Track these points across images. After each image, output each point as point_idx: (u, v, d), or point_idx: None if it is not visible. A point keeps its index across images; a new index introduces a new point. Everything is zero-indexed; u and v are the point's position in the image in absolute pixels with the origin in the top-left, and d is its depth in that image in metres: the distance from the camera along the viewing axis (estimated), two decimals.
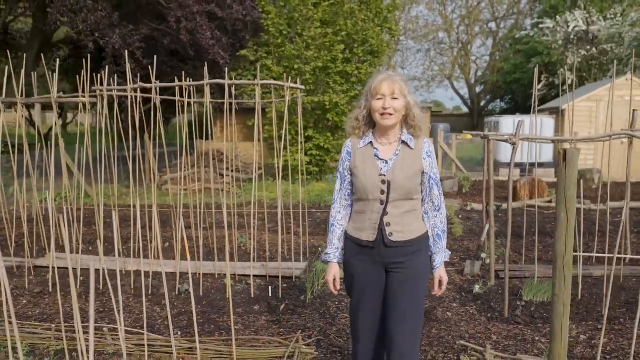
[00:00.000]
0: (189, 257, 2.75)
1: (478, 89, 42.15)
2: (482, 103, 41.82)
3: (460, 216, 8.95)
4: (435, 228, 2.67)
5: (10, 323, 3.70)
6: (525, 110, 25.45)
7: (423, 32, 39.64)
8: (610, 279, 2.95)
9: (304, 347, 3.57)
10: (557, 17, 23.61)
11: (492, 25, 39.56)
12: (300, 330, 4.00)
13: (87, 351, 3.35)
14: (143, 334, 3.52)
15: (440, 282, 2.69)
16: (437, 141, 14.82)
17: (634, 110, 5.63)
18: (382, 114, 2.50)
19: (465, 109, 47.16)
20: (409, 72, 60.74)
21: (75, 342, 3.67)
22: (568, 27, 22.65)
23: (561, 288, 2.80)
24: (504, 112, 34.85)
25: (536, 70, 5.46)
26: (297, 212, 8.16)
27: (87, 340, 3.46)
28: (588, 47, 22.47)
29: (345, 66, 12.38)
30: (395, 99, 2.50)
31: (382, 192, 2.52)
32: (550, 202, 9.99)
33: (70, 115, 36.32)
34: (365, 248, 2.58)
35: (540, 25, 24.36)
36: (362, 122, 2.63)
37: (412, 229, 2.57)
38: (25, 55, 15.16)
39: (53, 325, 3.89)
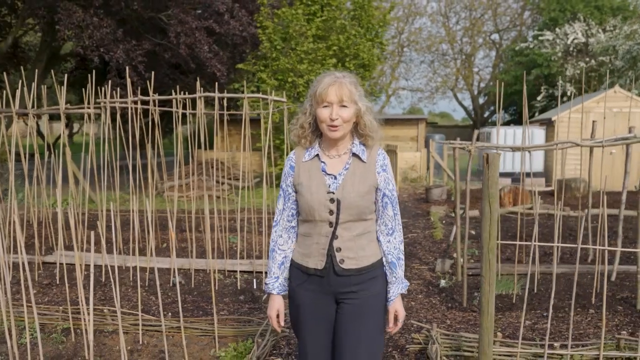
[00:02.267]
0: (173, 249, 3.28)
1: (481, 100, 42.47)
2: (486, 114, 42.07)
3: (444, 222, 9.46)
4: (388, 254, 2.31)
5: (24, 306, 4.24)
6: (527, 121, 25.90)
7: (426, 43, 39.95)
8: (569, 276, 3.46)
9: None
10: (557, 29, 24.11)
11: (495, 36, 39.81)
12: None
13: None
14: (138, 315, 4.04)
15: (396, 317, 2.34)
16: (429, 151, 15.36)
17: (593, 122, 6.17)
18: (330, 126, 2.18)
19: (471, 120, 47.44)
20: (413, 84, 61.22)
21: (80, 322, 4.20)
22: (567, 39, 23.16)
23: (486, 270, 3.33)
24: (507, 123, 35.17)
25: (524, 82, 6.02)
26: None
27: (95, 320, 3.99)
28: (587, 59, 22.95)
29: None
30: (343, 106, 2.17)
31: (331, 213, 2.20)
32: (531, 209, 10.48)
33: (76, 126, 37.02)
34: (312, 276, 2.26)
35: (540, 38, 24.85)
36: (309, 130, 2.30)
37: (365, 254, 2.26)
38: (34, 67, 15.80)
39: (60, 308, 4.42)
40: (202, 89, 5.95)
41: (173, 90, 6.38)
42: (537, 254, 5.36)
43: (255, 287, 5.44)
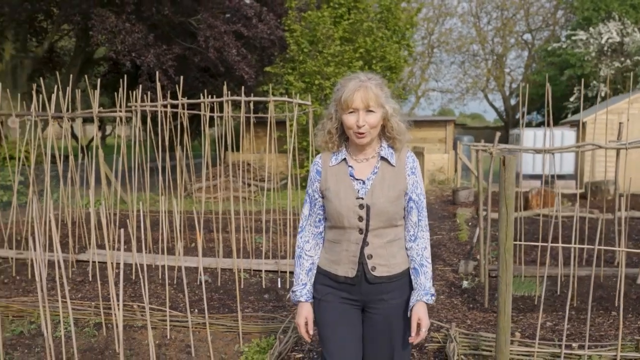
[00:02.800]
0: (200, 248, 3.41)
1: (513, 101, 41.85)
2: (518, 115, 41.41)
3: (470, 224, 9.46)
4: (412, 261, 2.24)
5: (59, 301, 4.43)
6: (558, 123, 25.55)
7: (457, 44, 39.53)
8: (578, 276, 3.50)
9: None
10: (591, 28, 23.73)
11: (528, 36, 39.12)
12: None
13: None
14: (166, 311, 4.20)
15: (419, 325, 2.15)
16: (457, 153, 15.32)
17: (620, 123, 6.14)
18: (357, 133, 2.12)
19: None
20: (443, 85, 60.76)
21: (111, 317, 4.38)
22: (601, 38, 22.78)
23: (503, 270, 3.38)
24: (540, 124, 34.55)
25: (546, 83, 5.95)
26: None
27: (125, 316, 4.16)
28: (622, 59, 22.52)
29: None
30: (370, 111, 2.10)
31: (360, 219, 2.14)
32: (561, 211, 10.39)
33: (109, 128, 37.84)
34: (342, 284, 2.21)
35: (573, 37, 24.48)
36: (336, 135, 2.24)
37: (397, 262, 2.20)
38: (68, 72, 16.26)
39: (93, 304, 4.61)
40: (230, 92, 6.09)
41: (201, 94, 6.55)
42: (560, 256, 5.36)
43: (280, 286, 5.56)
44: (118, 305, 4.08)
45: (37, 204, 4.20)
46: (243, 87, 6.63)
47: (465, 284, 5.56)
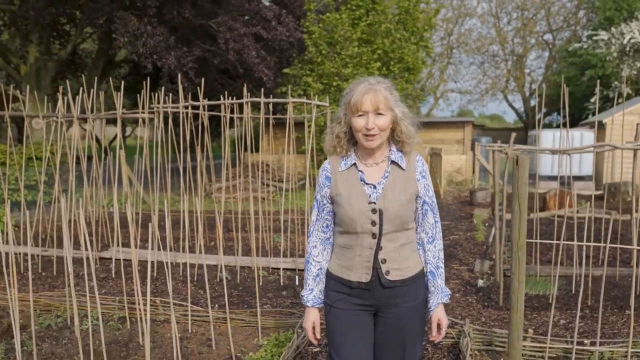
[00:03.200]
0: (220, 243, 3.53)
1: (533, 102, 41.45)
2: (538, 116, 40.83)
3: (487, 224, 9.49)
4: (428, 264, 2.29)
5: (86, 296, 4.59)
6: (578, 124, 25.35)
7: (476, 44, 39.25)
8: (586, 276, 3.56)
9: None
10: (613, 28, 23.51)
11: (549, 37, 38.71)
12: None
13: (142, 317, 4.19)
14: (187, 306, 4.33)
15: (439, 326, 2.30)
16: (474, 154, 15.33)
17: (637, 124, 6.16)
18: (366, 135, 2.12)
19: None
20: (462, 85, 60.42)
21: (134, 311, 4.52)
22: (623, 38, 22.55)
23: (516, 267, 3.47)
24: (560, 125, 34.00)
25: (564, 87, 5.97)
26: None
27: (146, 310, 4.31)
28: None
29: None
30: (379, 114, 2.10)
31: (374, 224, 2.13)
32: (577, 212, 10.38)
33: (129, 129, 38.35)
34: (356, 290, 2.20)
35: (594, 37, 24.27)
36: (345, 140, 2.24)
37: (409, 265, 2.21)
38: (90, 74, 16.59)
39: (117, 299, 4.77)
40: (249, 93, 6.22)
41: (222, 95, 6.69)
42: (575, 256, 5.41)
43: (297, 283, 5.67)
44: (144, 300, 4.23)
45: (65, 203, 4.36)
46: (262, 90, 6.76)
47: (480, 282, 5.63)
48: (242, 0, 12.57)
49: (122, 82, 8.02)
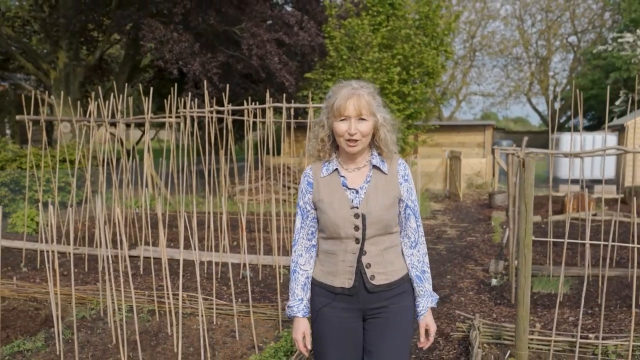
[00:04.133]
0: (243, 242, 3.78)
1: (557, 105, 40.98)
2: (563, 119, 40.55)
3: (504, 226, 9.61)
4: (413, 268, 2.26)
5: (118, 290, 4.89)
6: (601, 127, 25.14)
7: (499, 47, 39.00)
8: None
9: None
10: (638, 30, 23.32)
11: (573, 39, 38.29)
12: None
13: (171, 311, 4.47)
14: (212, 300, 4.60)
15: (427, 332, 2.28)
16: (494, 157, 15.43)
17: None
18: (348, 141, 2.11)
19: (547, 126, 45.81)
20: (485, 88, 60.11)
21: (162, 305, 4.81)
22: None
23: (522, 264, 3.66)
24: (586, 129, 33.83)
25: (577, 92, 6.12)
26: None
27: (176, 304, 4.59)
28: None
29: (402, 87, 13.35)
30: (362, 119, 2.10)
31: (357, 228, 2.13)
32: (595, 215, 10.45)
33: (151, 132, 39.06)
34: (340, 295, 2.19)
35: (620, 40, 24.10)
36: (328, 144, 2.23)
37: (394, 269, 2.20)
38: (117, 79, 17.06)
39: (146, 293, 5.05)
40: (271, 98, 6.48)
41: (245, 100, 6.96)
42: (587, 257, 5.55)
43: None
44: (176, 294, 4.51)
45: (103, 204, 4.66)
46: (284, 95, 7.02)
47: (494, 281, 5.80)
48: (265, 7, 12.87)
49: (151, 88, 8.34)
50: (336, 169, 2.21)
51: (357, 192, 2.17)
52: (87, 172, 7.07)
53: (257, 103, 6.78)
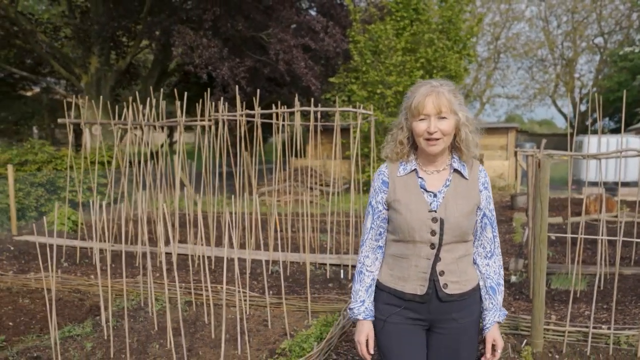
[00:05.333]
0: (272, 238, 4.07)
1: (583, 107, 40.52)
2: (587, 121, 40.03)
3: (525, 227, 9.78)
4: (488, 279, 2.17)
5: (156, 283, 5.22)
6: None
7: (524, 49, 38.71)
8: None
9: None
10: None
11: (600, 40, 37.83)
12: None
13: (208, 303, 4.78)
14: (245, 292, 4.90)
15: (494, 347, 2.16)
16: (517, 160, 15.55)
17: None
18: (428, 140, 2.02)
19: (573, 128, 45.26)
20: (509, 90, 59.70)
21: (197, 296, 5.13)
22: None
23: (538, 257, 3.89)
24: (613, 131, 33.44)
25: (597, 97, 6.32)
26: None
27: (214, 296, 4.90)
28: None
29: None
30: (442, 118, 2.00)
31: (433, 233, 2.03)
32: (616, 216, 10.55)
33: (175, 135, 39.74)
34: (410, 302, 2.09)
35: None
36: (408, 145, 2.14)
37: (467, 279, 2.11)
38: (145, 83, 17.58)
39: (183, 285, 5.38)
40: (296, 101, 6.77)
41: (273, 104, 7.27)
42: (605, 255, 5.74)
43: (342, 276, 6.19)
44: (214, 286, 4.82)
45: (144, 204, 5.00)
46: (312, 99, 7.31)
47: (513, 278, 6.01)
48: (292, 13, 13.23)
49: (177, 90, 8.68)
50: (414, 170, 2.13)
51: (435, 195, 2.08)
52: (125, 175, 7.42)
53: (285, 106, 7.08)
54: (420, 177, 2.10)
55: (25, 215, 10.87)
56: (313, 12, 16.75)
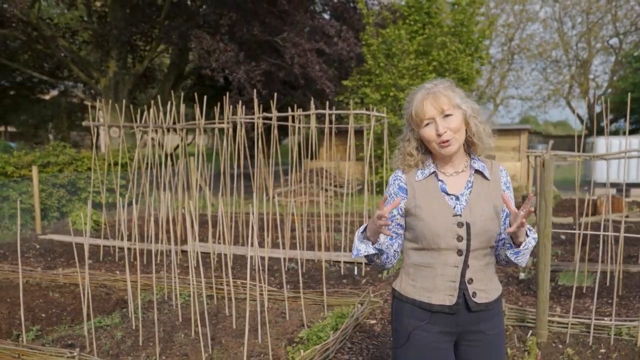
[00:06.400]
0: (290, 237, 4.30)
1: (598, 109, 40.26)
2: (603, 123, 39.70)
3: (535, 226, 9.95)
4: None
5: (178, 278, 5.50)
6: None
7: (538, 50, 38.57)
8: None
9: (372, 298, 5.06)
10: None
11: (615, 41, 37.58)
12: (372, 290, 5.49)
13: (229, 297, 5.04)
14: (264, 286, 5.15)
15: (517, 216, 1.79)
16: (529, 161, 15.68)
17: None
18: (441, 143, 1.91)
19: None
20: (523, 92, 59.52)
21: (219, 290, 5.38)
22: None
23: (542, 252, 4.10)
24: (630, 132, 33.08)
25: (601, 99, 6.50)
26: None
27: (235, 290, 5.15)
28: None
29: None
30: (447, 116, 1.90)
31: (460, 239, 1.91)
32: (626, 216, 10.68)
33: (189, 137, 40.21)
34: (437, 314, 1.96)
35: None
36: (418, 155, 2.02)
37: (493, 287, 2.02)
38: (162, 86, 17.94)
39: (204, 280, 5.64)
40: (310, 103, 7.03)
41: (289, 107, 7.53)
42: (612, 254, 5.92)
43: (356, 273, 6.42)
44: (235, 281, 5.08)
45: (168, 205, 5.27)
46: (328, 102, 7.56)
47: (522, 275, 6.21)
48: (306, 17, 13.50)
49: (186, 91, 8.97)
50: (433, 172, 2.01)
51: (457, 198, 1.96)
52: (147, 177, 7.71)
53: (301, 109, 7.33)
54: (440, 180, 1.99)
55: (47, 215, 11.22)
56: (326, 16, 17.01)
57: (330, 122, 8.19)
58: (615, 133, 37.06)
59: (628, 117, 5.18)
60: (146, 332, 4.45)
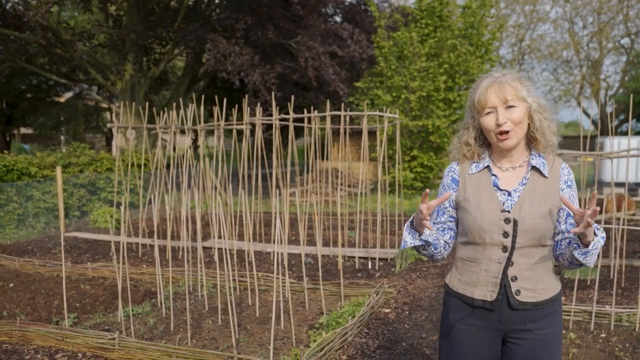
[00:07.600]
0: (303, 229, 4.59)
1: (609, 109, 40.08)
2: (615, 123, 39.66)
3: None
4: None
5: (204, 270, 5.83)
6: None
7: (549, 50, 38.51)
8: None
9: (387, 288, 5.36)
10: None
11: (626, 41, 37.43)
12: (386, 282, 5.79)
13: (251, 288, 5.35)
14: (285, 279, 5.46)
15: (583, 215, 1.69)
16: None
17: None
18: (499, 134, 1.87)
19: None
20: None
21: (243, 283, 5.71)
22: None
23: None
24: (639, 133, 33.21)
25: (603, 100, 6.76)
26: (400, 219, 9.93)
27: (257, 282, 5.47)
28: None
29: (448, 94, 14.07)
30: (510, 107, 1.85)
31: (505, 235, 1.88)
32: (634, 214, 10.90)
33: (200, 138, 40.61)
34: (478, 309, 1.95)
35: None
36: (476, 145, 2.01)
37: (544, 287, 1.92)
38: (177, 88, 18.32)
39: (226, 271, 5.96)
40: (323, 105, 7.34)
41: (305, 109, 7.84)
42: (616, 248, 6.18)
43: (370, 267, 6.72)
44: (258, 274, 5.39)
45: (187, 204, 5.60)
46: (336, 102, 7.85)
47: None
48: (319, 21, 13.82)
49: (200, 95, 9.30)
50: (487, 166, 1.99)
51: (509, 194, 1.92)
52: (169, 176, 8.04)
53: (316, 110, 7.64)
54: (493, 175, 1.96)
55: (69, 214, 11.60)
56: (338, 19, 17.33)
57: (345, 123, 8.46)
58: (626, 133, 36.99)
59: (630, 118, 5.42)
60: (176, 319, 4.78)
